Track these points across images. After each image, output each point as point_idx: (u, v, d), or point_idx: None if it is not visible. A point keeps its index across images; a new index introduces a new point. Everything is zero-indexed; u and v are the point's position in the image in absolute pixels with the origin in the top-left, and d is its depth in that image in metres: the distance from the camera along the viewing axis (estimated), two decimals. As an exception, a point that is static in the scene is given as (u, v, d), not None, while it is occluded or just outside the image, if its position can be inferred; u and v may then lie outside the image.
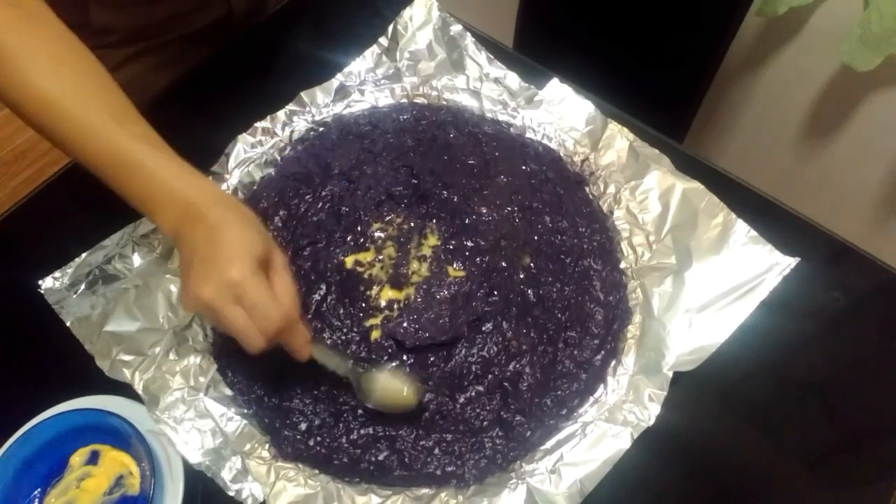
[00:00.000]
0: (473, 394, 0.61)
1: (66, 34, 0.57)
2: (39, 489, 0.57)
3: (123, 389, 0.60)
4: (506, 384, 0.61)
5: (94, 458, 0.58)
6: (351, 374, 0.58)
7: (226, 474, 0.56)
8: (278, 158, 0.76)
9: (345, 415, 0.60)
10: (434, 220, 0.68)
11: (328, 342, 0.63)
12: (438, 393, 0.61)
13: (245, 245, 0.53)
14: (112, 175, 0.55)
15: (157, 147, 0.56)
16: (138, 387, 0.60)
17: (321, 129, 0.78)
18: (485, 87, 0.80)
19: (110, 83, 0.57)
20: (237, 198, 0.72)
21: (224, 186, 0.73)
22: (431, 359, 0.62)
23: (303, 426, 0.60)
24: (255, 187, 0.74)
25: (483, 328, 0.63)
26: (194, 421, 0.58)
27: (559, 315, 0.65)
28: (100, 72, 0.57)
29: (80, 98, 0.55)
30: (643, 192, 0.71)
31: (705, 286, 0.65)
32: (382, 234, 0.67)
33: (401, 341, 0.62)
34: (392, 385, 0.58)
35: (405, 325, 0.62)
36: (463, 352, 0.62)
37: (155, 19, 0.81)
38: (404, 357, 0.62)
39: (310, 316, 0.64)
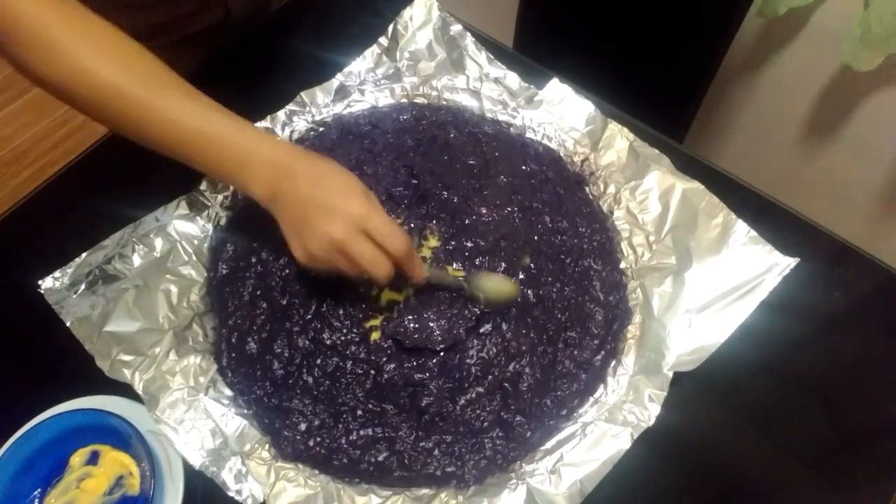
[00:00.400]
0: (473, 395, 0.61)
1: (111, 27, 0.57)
2: (39, 489, 0.57)
3: (123, 389, 0.60)
4: (506, 385, 0.61)
5: (94, 458, 0.58)
6: (463, 282, 0.63)
7: (226, 474, 0.56)
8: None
9: (344, 415, 0.60)
10: (434, 221, 0.68)
11: (328, 343, 0.63)
12: (438, 394, 0.61)
13: (354, 182, 0.57)
14: (193, 151, 0.57)
15: (230, 116, 0.58)
16: (138, 387, 0.59)
17: (321, 129, 0.78)
18: (485, 87, 0.80)
19: (162, 63, 0.58)
20: (237, 198, 0.72)
21: (224, 186, 0.73)
22: (431, 360, 0.62)
23: (302, 426, 0.60)
24: (255, 187, 0.74)
25: (483, 329, 0.63)
26: (194, 421, 0.58)
27: (559, 315, 0.65)
28: (153, 58, 0.58)
29: (145, 80, 0.56)
30: (643, 192, 0.71)
31: (705, 286, 0.65)
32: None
33: (400, 342, 0.62)
34: (498, 280, 0.63)
35: (405, 325, 0.62)
36: (463, 353, 0.62)
37: (152, 23, 0.81)
38: (404, 357, 0.62)
39: (309, 316, 0.64)
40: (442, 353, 0.61)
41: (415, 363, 0.62)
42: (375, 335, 0.63)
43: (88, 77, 0.55)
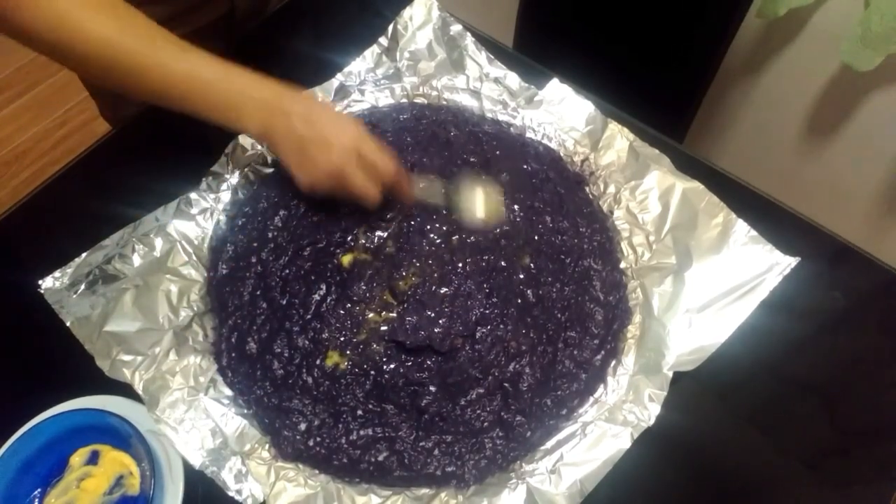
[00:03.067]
0: (473, 395, 0.61)
1: None
2: (39, 489, 0.57)
3: (123, 389, 0.60)
4: (506, 385, 0.61)
5: (94, 458, 0.58)
6: (449, 198, 0.67)
7: (226, 474, 0.56)
8: (279, 158, 0.76)
9: (344, 415, 0.60)
10: (434, 220, 0.68)
11: (326, 340, 0.63)
12: (438, 394, 0.61)
13: (343, 117, 0.65)
14: (185, 96, 0.60)
15: (221, 62, 0.62)
16: (138, 387, 0.59)
17: (321, 129, 0.78)
18: (485, 87, 0.80)
19: (152, 21, 0.61)
20: (237, 198, 0.72)
21: (224, 186, 0.73)
22: (431, 360, 0.62)
23: (302, 426, 0.60)
24: (254, 187, 0.74)
25: (483, 329, 0.63)
26: (194, 421, 0.58)
27: (559, 315, 0.65)
28: (139, 12, 0.61)
29: (137, 33, 0.59)
30: (643, 192, 0.71)
31: (705, 286, 0.65)
32: (383, 234, 0.67)
33: (401, 342, 0.62)
34: (481, 199, 0.68)
35: (405, 325, 0.62)
36: (463, 353, 0.62)
37: (157, 19, 0.81)
38: (403, 358, 0.62)
39: (309, 316, 0.64)
40: (442, 354, 0.61)
41: (415, 363, 0.62)
42: (375, 334, 0.63)
43: (81, 32, 0.57)
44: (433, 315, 0.62)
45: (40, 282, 0.65)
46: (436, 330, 0.62)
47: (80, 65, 0.61)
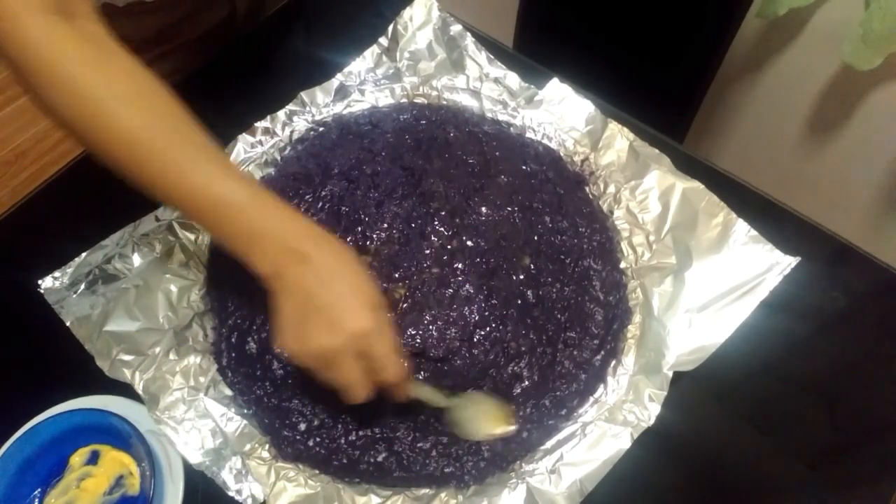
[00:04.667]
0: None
1: (139, 68, 0.53)
2: (39, 489, 0.57)
3: (123, 389, 0.60)
4: (504, 385, 0.61)
5: (94, 458, 0.58)
6: (449, 406, 0.58)
7: (226, 474, 0.56)
8: (278, 158, 0.76)
9: (343, 416, 0.60)
10: (434, 221, 0.68)
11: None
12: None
13: (366, 294, 0.52)
14: (206, 215, 0.53)
15: (250, 184, 0.53)
16: (138, 387, 0.60)
17: (321, 129, 0.78)
18: (485, 87, 0.80)
19: (189, 118, 0.54)
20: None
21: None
22: (428, 363, 0.62)
23: (302, 427, 0.60)
24: (255, 187, 0.74)
25: (482, 331, 0.63)
26: (194, 421, 0.58)
27: (559, 315, 0.65)
28: (178, 107, 0.54)
29: (167, 136, 0.52)
30: (643, 192, 0.71)
31: (705, 286, 0.65)
32: (383, 235, 0.67)
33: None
34: (485, 413, 0.59)
35: (400, 329, 0.62)
36: (459, 357, 0.62)
37: (160, 26, 0.81)
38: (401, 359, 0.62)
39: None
40: (440, 355, 0.61)
41: (412, 364, 0.61)
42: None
43: (105, 121, 0.51)
44: (430, 318, 0.62)
45: (40, 282, 0.65)
46: (432, 335, 0.61)
47: (100, 154, 0.53)
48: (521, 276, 0.66)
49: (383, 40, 0.83)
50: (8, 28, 0.49)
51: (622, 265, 0.69)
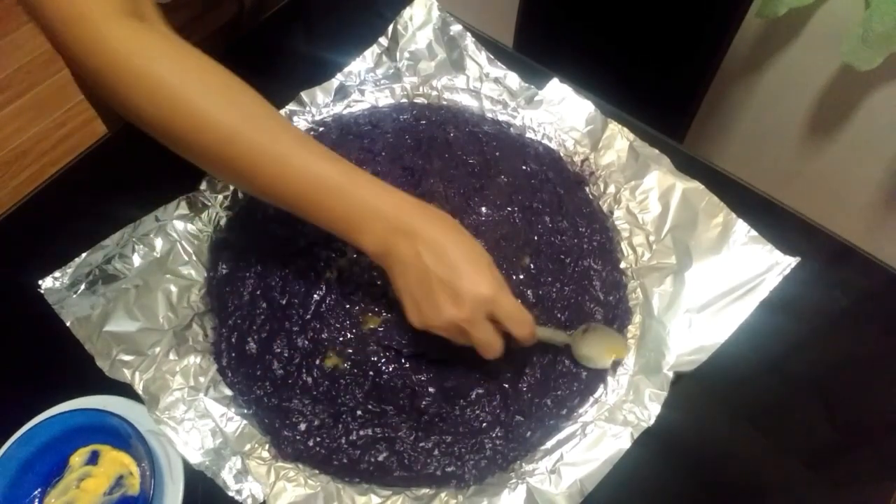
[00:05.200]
0: (473, 396, 0.61)
1: (218, 64, 0.53)
2: (39, 489, 0.57)
3: (123, 389, 0.60)
4: (505, 385, 0.61)
5: (94, 458, 0.58)
6: (570, 341, 0.61)
7: (226, 474, 0.56)
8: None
9: (343, 416, 0.60)
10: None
11: (325, 341, 0.63)
12: (437, 395, 0.61)
13: (482, 258, 0.54)
14: (307, 200, 0.53)
15: (345, 164, 0.54)
16: (138, 387, 0.59)
17: (321, 129, 0.78)
18: (485, 87, 0.80)
19: (271, 107, 0.54)
20: (237, 198, 0.72)
21: (224, 186, 0.73)
22: (430, 364, 0.62)
23: (302, 426, 0.60)
24: (255, 187, 0.74)
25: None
26: (194, 421, 0.58)
27: (559, 315, 0.65)
28: (261, 98, 0.54)
29: (263, 127, 0.52)
30: (643, 192, 0.71)
31: (705, 286, 0.65)
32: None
33: (398, 350, 0.62)
34: (605, 342, 0.62)
35: (402, 330, 0.62)
36: (462, 355, 0.62)
37: (173, 25, 0.80)
38: (402, 360, 0.62)
39: (309, 316, 0.64)
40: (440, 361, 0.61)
41: (413, 366, 0.62)
42: (373, 329, 0.63)
43: (199, 119, 0.50)
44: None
45: (40, 282, 0.65)
46: (433, 335, 0.61)
47: (193, 154, 0.54)
48: (521, 276, 0.66)
49: (383, 40, 0.83)
50: (87, 33, 0.49)
51: (622, 265, 0.69)
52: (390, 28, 0.83)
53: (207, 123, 0.51)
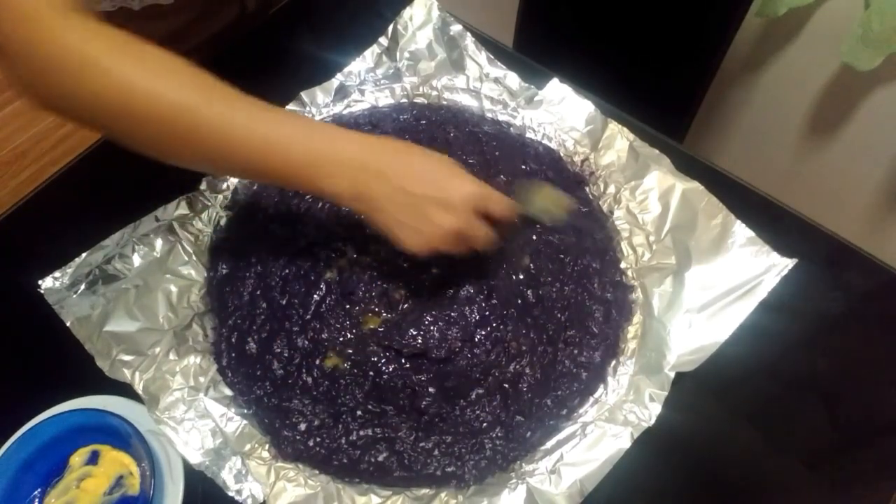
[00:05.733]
0: (473, 396, 0.61)
1: (155, 46, 0.53)
2: (39, 489, 0.57)
3: (123, 389, 0.60)
4: (506, 385, 0.61)
5: (94, 458, 0.58)
6: (522, 200, 0.64)
7: (226, 474, 0.56)
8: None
9: (343, 416, 0.60)
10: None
11: (325, 341, 0.63)
12: (437, 395, 0.61)
13: (452, 165, 0.56)
14: (263, 161, 0.53)
15: (299, 119, 0.56)
16: (138, 387, 0.59)
17: (321, 129, 0.78)
18: (485, 87, 0.80)
19: (222, 83, 0.54)
20: (237, 198, 0.72)
21: (224, 186, 0.73)
22: (429, 363, 0.62)
23: (302, 427, 0.60)
24: (255, 187, 0.74)
25: (482, 331, 0.63)
26: (194, 421, 0.58)
27: (559, 315, 0.65)
28: (212, 76, 0.54)
29: (214, 98, 0.52)
30: (643, 192, 0.71)
31: (705, 286, 0.65)
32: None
33: (397, 349, 0.62)
34: (547, 198, 0.67)
35: (401, 330, 0.62)
36: (461, 357, 0.62)
37: (168, 31, 0.80)
38: (402, 360, 0.62)
39: (309, 316, 0.64)
40: (441, 356, 0.61)
41: (413, 366, 0.62)
42: (373, 330, 0.63)
43: (154, 98, 0.50)
44: (431, 319, 0.62)
45: (40, 282, 0.65)
46: (433, 335, 0.61)
47: (146, 136, 0.53)
48: (521, 276, 0.66)
49: (383, 40, 0.83)
50: (34, 28, 0.49)
51: (622, 265, 0.69)
52: (390, 28, 0.82)
53: (163, 101, 0.51)
